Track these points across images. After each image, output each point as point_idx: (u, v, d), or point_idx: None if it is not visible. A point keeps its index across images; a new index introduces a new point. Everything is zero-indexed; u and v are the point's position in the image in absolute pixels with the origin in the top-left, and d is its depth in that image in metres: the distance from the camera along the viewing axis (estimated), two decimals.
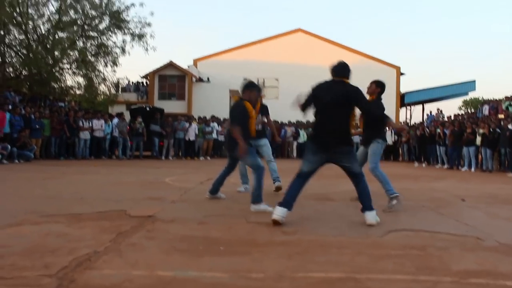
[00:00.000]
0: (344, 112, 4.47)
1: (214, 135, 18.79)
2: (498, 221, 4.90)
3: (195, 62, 32.32)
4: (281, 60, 30.54)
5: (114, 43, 23.84)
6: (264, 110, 6.81)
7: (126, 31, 23.39)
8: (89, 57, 23.13)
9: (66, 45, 22.04)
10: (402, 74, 32.79)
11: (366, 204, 4.51)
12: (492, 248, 3.59)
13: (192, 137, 18.00)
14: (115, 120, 17.02)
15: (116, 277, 2.63)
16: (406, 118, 34.65)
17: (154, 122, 17.52)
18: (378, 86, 5.85)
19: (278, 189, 6.77)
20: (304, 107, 4.75)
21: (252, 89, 5.70)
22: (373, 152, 5.63)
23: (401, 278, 2.75)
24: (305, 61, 30.97)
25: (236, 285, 2.55)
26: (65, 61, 22.96)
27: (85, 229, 3.92)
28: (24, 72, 22.09)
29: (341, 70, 4.71)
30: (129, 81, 32.62)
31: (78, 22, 22.71)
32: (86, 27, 22.99)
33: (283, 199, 4.44)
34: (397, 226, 4.36)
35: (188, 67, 31.61)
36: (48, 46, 22.05)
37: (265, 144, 6.84)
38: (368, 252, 3.34)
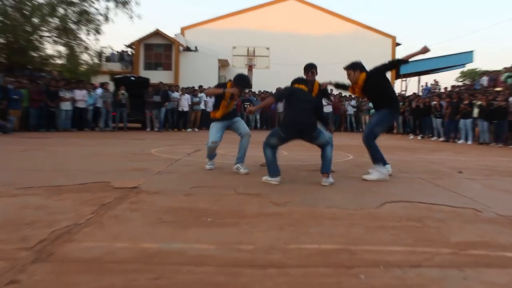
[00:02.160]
0: None
1: (202, 106, 18.65)
2: (496, 193, 4.90)
3: (183, 30, 31.86)
4: (273, 29, 30.21)
5: (97, 10, 23.26)
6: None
7: None
8: (70, 24, 22.59)
9: (45, 11, 21.50)
10: (398, 44, 32.62)
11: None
12: (491, 219, 3.58)
13: (185, 108, 17.93)
14: (98, 91, 16.77)
15: (97, 249, 2.57)
16: (401, 89, 34.63)
17: (155, 92, 17.44)
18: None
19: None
20: None
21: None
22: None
23: (398, 249, 2.72)
24: (297, 29, 30.68)
25: (224, 257, 2.50)
26: (44, 28, 22.39)
27: (65, 201, 3.84)
28: (0, 40, 21.59)
29: None
30: (113, 50, 32.12)
31: None
32: None
33: None
34: (393, 197, 4.34)
35: (175, 35, 31.14)
36: (27, 13, 21.50)
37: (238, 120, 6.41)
38: (363, 224, 3.31)
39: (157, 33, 30.30)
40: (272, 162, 5.18)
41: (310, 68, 6.16)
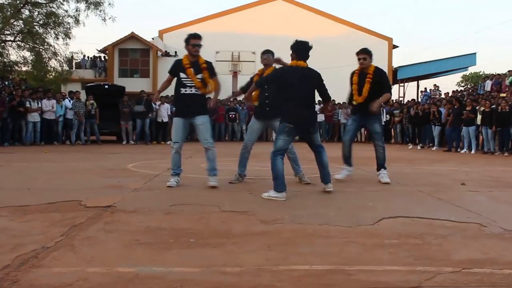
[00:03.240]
0: None
1: None
2: (502, 206, 4.97)
3: (161, 34, 31.94)
4: (259, 32, 30.36)
5: (66, 11, 23.25)
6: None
7: None
8: (37, 27, 22.52)
9: (8, 13, 21.39)
10: (395, 46, 33.02)
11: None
12: (496, 235, 3.62)
13: (165, 118, 17.87)
14: (67, 101, 16.65)
15: (67, 275, 2.54)
16: (399, 95, 34.95)
17: (138, 101, 17.43)
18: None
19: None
20: None
21: None
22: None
23: (397, 269, 2.74)
24: (286, 32, 30.79)
25: (208, 281, 2.50)
26: (7, 32, 22.32)
27: (32, 222, 3.81)
28: None
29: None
30: (84, 56, 32.04)
31: None
32: None
33: None
34: (391, 212, 4.37)
35: (153, 39, 31.19)
36: None
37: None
38: (359, 242, 3.33)
39: (132, 37, 30.34)
40: (281, 174, 5.18)
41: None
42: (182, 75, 5.90)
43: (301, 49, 5.54)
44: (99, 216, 4.07)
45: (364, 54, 6.61)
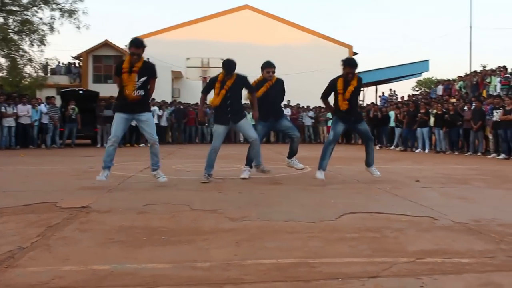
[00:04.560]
0: None
1: (155, 120, 18.48)
2: (452, 201, 5.09)
3: None
4: (227, 39, 30.30)
5: (41, 19, 22.79)
6: None
7: (54, 6, 22.39)
8: (12, 34, 21.99)
9: None
10: (355, 54, 33.42)
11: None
12: (447, 227, 3.72)
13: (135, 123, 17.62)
14: (43, 106, 16.31)
15: (44, 274, 2.50)
16: (359, 99, 35.42)
17: (107, 106, 17.11)
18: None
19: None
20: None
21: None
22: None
23: (356, 261, 2.79)
24: (253, 40, 30.93)
25: (179, 276, 2.50)
26: None
27: (8, 224, 3.73)
28: None
29: None
30: (59, 62, 31.44)
31: None
32: (6, 0, 21.79)
33: None
34: (351, 208, 4.43)
35: (126, 46, 30.77)
36: None
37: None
38: (321, 236, 3.37)
39: (106, 44, 29.90)
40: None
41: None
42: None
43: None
44: (74, 216, 4.01)
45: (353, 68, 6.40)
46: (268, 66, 6.85)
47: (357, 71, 6.44)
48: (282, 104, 7.49)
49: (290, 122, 7.44)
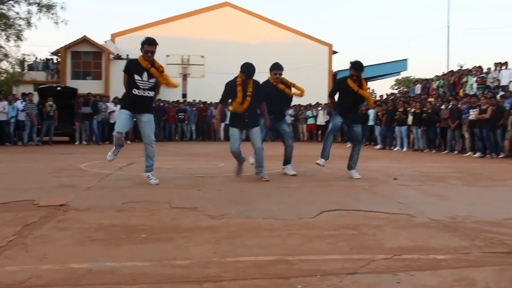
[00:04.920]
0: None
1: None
2: (429, 198, 5.17)
3: (113, 37, 31.19)
4: (208, 36, 30.19)
5: (18, 14, 22.36)
6: None
7: (31, 0, 22.01)
8: None
9: None
10: (334, 52, 33.60)
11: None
12: (423, 224, 3.78)
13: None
14: (18, 103, 16.03)
15: (20, 273, 2.47)
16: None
17: (85, 103, 16.89)
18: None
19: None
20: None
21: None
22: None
23: (335, 258, 2.82)
24: (233, 37, 30.85)
25: (158, 274, 2.49)
26: None
27: None
28: None
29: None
30: (36, 58, 30.95)
31: None
32: None
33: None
34: (330, 206, 4.47)
35: (105, 42, 30.44)
36: None
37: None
38: (300, 233, 3.39)
39: (85, 40, 29.51)
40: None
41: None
42: (136, 77, 5.87)
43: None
44: (52, 214, 3.96)
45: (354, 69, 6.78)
46: (275, 68, 6.97)
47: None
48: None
49: (289, 128, 7.48)
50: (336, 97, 7.24)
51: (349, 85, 6.74)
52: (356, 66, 6.70)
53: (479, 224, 3.79)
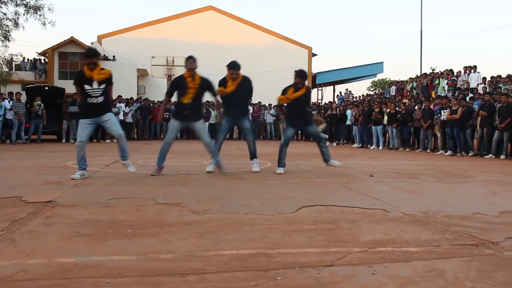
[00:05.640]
0: None
1: (121, 117, 18.14)
2: (403, 194, 5.23)
3: (100, 38, 30.93)
4: (192, 39, 30.12)
5: (5, 14, 21.92)
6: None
7: (19, 1, 21.62)
8: None
9: None
10: (314, 55, 33.79)
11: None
12: (397, 219, 3.83)
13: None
14: (6, 102, 15.76)
15: (8, 267, 2.44)
16: (317, 98, 35.85)
17: (72, 103, 16.67)
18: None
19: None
20: None
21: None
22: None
23: (313, 251, 2.84)
24: (216, 40, 30.84)
25: (144, 267, 2.48)
26: None
27: None
28: None
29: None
30: (24, 58, 30.46)
31: None
32: None
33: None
34: (309, 202, 4.49)
35: (92, 43, 30.13)
36: None
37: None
38: (280, 228, 3.41)
39: (72, 41, 29.19)
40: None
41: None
42: (87, 86, 6.10)
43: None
44: (39, 211, 3.91)
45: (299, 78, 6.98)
46: (231, 68, 6.94)
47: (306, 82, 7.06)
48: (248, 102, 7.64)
49: (250, 124, 7.47)
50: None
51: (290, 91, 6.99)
52: (301, 74, 6.97)
53: (449, 218, 3.85)
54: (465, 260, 2.70)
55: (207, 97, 6.97)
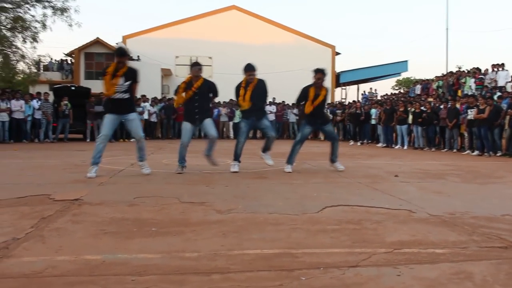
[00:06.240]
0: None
1: (146, 116, 18.36)
2: (429, 195, 5.15)
3: (124, 39, 31.28)
4: (215, 38, 30.22)
5: (33, 16, 22.39)
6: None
7: (46, 4, 22.06)
8: (4, 31, 21.62)
9: None
10: (337, 53, 33.53)
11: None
12: (423, 219, 3.77)
13: None
14: (35, 101, 16.13)
15: (37, 264, 2.50)
16: (341, 97, 35.58)
17: (97, 102, 16.96)
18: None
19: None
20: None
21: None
22: None
23: (337, 251, 2.82)
24: (240, 39, 30.86)
25: (168, 266, 2.51)
26: None
27: (2, 216, 3.69)
28: None
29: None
30: (51, 59, 31.06)
31: None
32: None
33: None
34: (333, 202, 4.47)
35: (117, 44, 30.52)
36: None
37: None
38: (304, 228, 3.40)
39: (97, 42, 29.64)
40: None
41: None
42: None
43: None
44: (67, 208, 3.99)
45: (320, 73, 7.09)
46: (248, 70, 6.98)
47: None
48: (265, 104, 7.67)
49: (269, 122, 7.49)
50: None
51: (311, 93, 7.08)
52: (322, 70, 7.08)
53: (476, 219, 3.78)
54: (494, 263, 2.64)
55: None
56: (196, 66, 6.81)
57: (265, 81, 7.09)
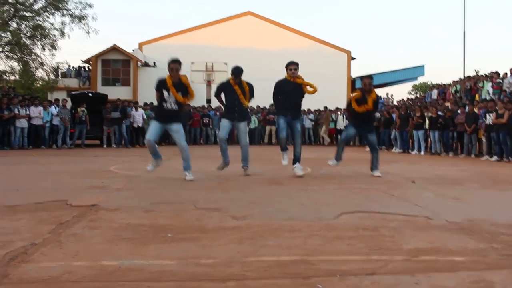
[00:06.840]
0: None
1: None
2: (447, 201, 5.09)
3: (141, 46, 31.59)
4: (230, 44, 30.31)
5: (52, 24, 22.81)
6: None
7: (65, 12, 22.43)
8: (24, 39, 22.01)
9: None
10: (353, 58, 33.39)
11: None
12: (441, 226, 3.72)
13: (140, 123, 17.70)
14: (53, 108, 16.37)
15: (55, 269, 2.51)
16: None
17: (114, 109, 17.13)
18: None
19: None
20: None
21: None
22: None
23: (354, 258, 2.79)
24: (255, 44, 30.93)
25: (184, 272, 2.50)
26: None
27: (21, 221, 3.74)
28: None
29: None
30: (69, 66, 31.51)
31: (10, 0, 21.52)
32: (19, 6, 21.82)
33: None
34: (349, 208, 4.43)
35: (133, 51, 30.85)
36: None
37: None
38: (320, 235, 3.37)
39: (114, 49, 29.97)
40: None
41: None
42: (165, 92, 6.42)
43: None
44: (84, 214, 4.02)
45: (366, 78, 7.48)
46: (290, 64, 7.32)
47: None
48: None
49: (300, 127, 7.39)
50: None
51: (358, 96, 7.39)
52: (370, 76, 7.46)
53: (496, 227, 3.71)
54: None
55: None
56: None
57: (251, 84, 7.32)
